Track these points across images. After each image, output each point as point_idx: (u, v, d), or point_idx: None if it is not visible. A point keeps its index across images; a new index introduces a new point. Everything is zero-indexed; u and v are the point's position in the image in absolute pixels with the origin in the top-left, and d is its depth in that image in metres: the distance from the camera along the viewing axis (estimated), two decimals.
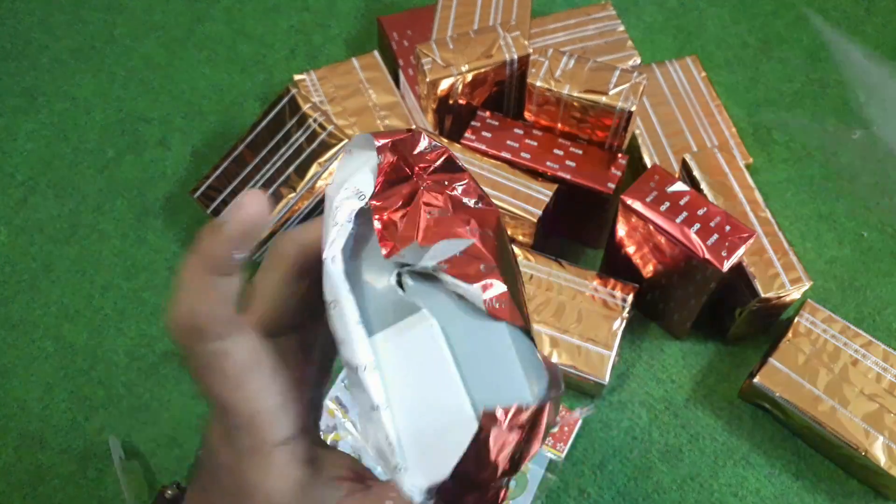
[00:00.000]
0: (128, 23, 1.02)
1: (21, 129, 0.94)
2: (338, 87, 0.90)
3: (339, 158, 0.29)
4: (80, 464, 0.74)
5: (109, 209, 0.88)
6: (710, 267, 0.67)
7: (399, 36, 0.92)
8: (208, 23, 1.02)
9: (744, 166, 0.78)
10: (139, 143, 0.92)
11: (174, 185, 0.89)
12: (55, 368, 0.79)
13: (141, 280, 0.83)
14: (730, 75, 0.97)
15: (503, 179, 0.76)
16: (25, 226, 0.87)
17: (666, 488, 0.72)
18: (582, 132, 0.78)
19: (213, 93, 0.96)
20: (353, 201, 0.28)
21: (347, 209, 0.28)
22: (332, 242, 0.28)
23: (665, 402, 0.76)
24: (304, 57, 0.99)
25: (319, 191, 0.80)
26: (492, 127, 0.79)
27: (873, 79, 0.88)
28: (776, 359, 0.72)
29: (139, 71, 0.98)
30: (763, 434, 0.74)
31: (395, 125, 0.87)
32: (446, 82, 0.78)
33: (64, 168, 0.91)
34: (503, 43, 0.79)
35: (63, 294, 0.83)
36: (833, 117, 0.93)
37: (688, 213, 0.69)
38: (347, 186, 0.28)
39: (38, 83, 0.97)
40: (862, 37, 1.00)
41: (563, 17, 0.93)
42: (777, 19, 1.01)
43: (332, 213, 0.28)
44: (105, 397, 0.77)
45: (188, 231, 0.86)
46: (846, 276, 0.83)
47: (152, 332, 0.80)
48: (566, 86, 0.74)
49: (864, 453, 0.68)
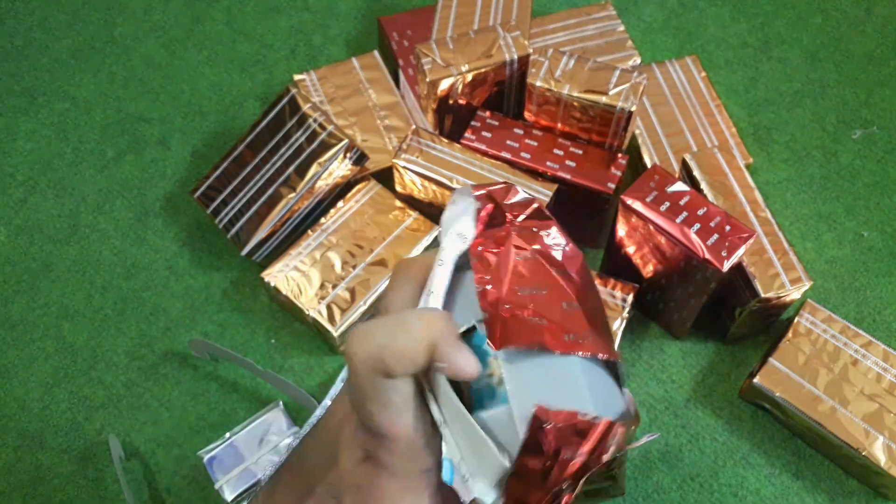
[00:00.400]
0: (128, 23, 1.02)
1: (21, 129, 0.94)
2: (338, 87, 0.90)
3: (447, 208, 0.35)
4: (80, 464, 0.74)
5: (109, 209, 0.88)
6: (710, 267, 0.67)
7: (399, 36, 0.92)
8: (208, 23, 1.02)
9: (744, 166, 0.78)
10: (139, 143, 0.92)
11: (174, 185, 0.89)
12: (55, 368, 0.79)
13: (141, 280, 0.83)
14: (730, 75, 0.97)
15: (503, 179, 0.76)
16: (25, 226, 0.87)
17: (666, 488, 0.72)
18: (582, 132, 0.78)
19: (213, 93, 0.96)
20: (457, 243, 0.32)
21: (453, 250, 0.32)
22: (434, 278, 0.32)
23: (665, 402, 0.76)
24: (304, 57, 0.99)
25: (319, 191, 0.80)
26: (492, 127, 0.79)
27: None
28: (776, 359, 0.72)
29: (139, 71, 0.98)
30: (763, 434, 0.74)
31: (395, 125, 0.87)
32: (446, 82, 0.78)
33: (64, 168, 0.91)
34: (503, 43, 0.79)
35: (63, 294, 0.83)
36: (833, 117, 0.93)
37: (688, 213, 0.69)
38: (453, 230, 0.32)
39: (38, 83, 0.97)
40: (862, 37, 1.00)
41: (563, 17, 0.93)
42: (777, 19, 1.01)
43: (439, 252, 0.32)
44: (105, 397, 0.77)
45: (188, 231, 0.86)
46: (846, 276, 0.83)
47: (152, 332, 0.80)
48: (566, 86, 0.74)
49: (864, 453, 0.68)
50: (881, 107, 0.94)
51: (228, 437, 0.73)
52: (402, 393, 0.30)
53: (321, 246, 0.78)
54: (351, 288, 0.76)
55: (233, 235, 0.81)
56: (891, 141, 0.92)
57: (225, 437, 0.73)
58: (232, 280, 0.83)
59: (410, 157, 0.77)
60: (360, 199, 0.81)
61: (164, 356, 0.79)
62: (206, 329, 0.80)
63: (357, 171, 0.82)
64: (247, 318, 0.81)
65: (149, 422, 0.76)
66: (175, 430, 0.75)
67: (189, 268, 0.84)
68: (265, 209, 0.79)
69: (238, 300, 0.82)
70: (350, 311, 0.75)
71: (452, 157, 0.77)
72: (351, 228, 0.79)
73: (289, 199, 0.79)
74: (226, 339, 0.80)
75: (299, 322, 0.80)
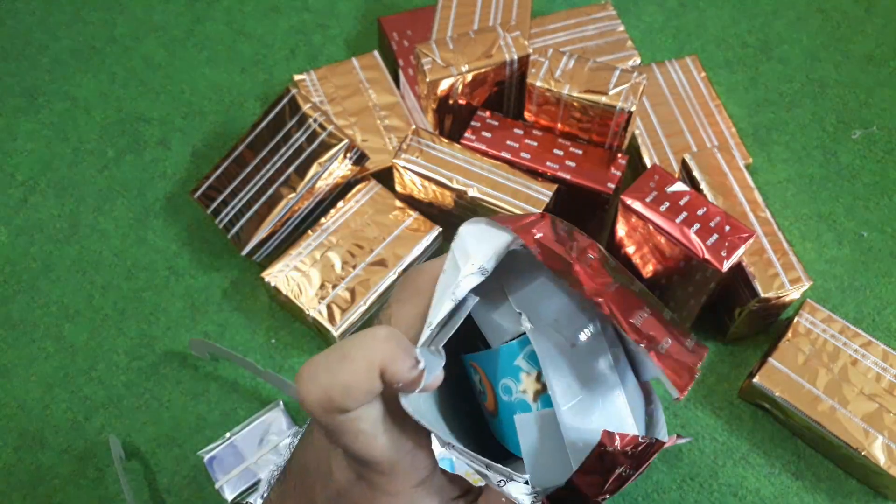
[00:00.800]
0: (128, 23, 1.02)
1: (21, 129, 0.94)
2: (338, 87, 0.90)
3: (467, 236, 0.32)
4: (80, 464, 0.74)
5: (109, 209, 0.88)
6: (709, 267, 0.67)
7: (399, 36, 0.92)
8: (208, 23, 1.02)
9: (744, 166, 0.78)
10: (139, 143, 0.92)
11: (174, 185, 0.89)
12: (55, 368, 0.79)
13: (141, 280, 0.83)
14: (730, 75, 0.97)
15: (503, 179, 0.76)
16: (25, 226, 0.87)
17: (666, 488, 0.72)
18: (582, 132, 0.78)
19: (213, 93, 0.96)
20: (477, 279, 0.31)
21: (469, 286, 0.31)
22: (440, 309, 0.30)
23: (665, 402, 0.76)
24: (304, 57, 0.99)
25: (319, 191, 0.80)
26: (492, 127, 0.79)
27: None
28: (776, 359, 0.72)
29: (139, 71, 0.98)
30: (763, 434, 0.74)
31: (395, 125, 0.87)
32: (446, 82, 0.78)
33: (64, 168, 0.91)
34: (503, 43, 0.79)
35: (63, 294, 0.83)
36: (833, 117, 0.93)
37: (687, 213, 0.69)
38: (474, 262, 0.31)
39: (38, 83, 0.97)
40: (862, 37, 1.00)
41: (563, 17, 0.93)
42: (777, 19, 1.01)
43: (452, 281, 0.31)
44: (105, 397, 0.77)
45: (188, 231, 0.86)
46: (846, 276, 0.83)
47: (152, 332, 0.80)
48: (566, 86, 0.74)
49: (864, 453, 0.68)
50: (881, 107, 0.94)
51: (228, 437, 0.73)
52: (368, 420, 0.28)
53: (321, 246, 0.78)
54: (351, 288, 0.76)
55: (233, 235, 0.81)
56: (891, 141, 0.92)
57: (225, 437, 0.73)
58: (232, 280, 0.83)
59: (410, 157, 0.77)
60: (360, 199, 0.81)
61: (164, 356, 0.79)
62: (206, 329, 0.80)
63: (357, 171, 0.82)
64: (247, 318, 0.81)
65: (149, 422, 0.76)
66: (175, 430, 0.75)
67: (189, 268, 0.84)
68: (265, 209, 0.79)
69: (238, 300, 0.82)
70: (350, 311, 0.75)
71: (452, 157, 0.77)
72: (351, 228, 0.79)
73: (289, 199, 0.79)
74: (226, 339, 0.80)
75: (299, 322, 0.80)
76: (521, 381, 0.31)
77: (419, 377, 0.28)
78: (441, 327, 0.30)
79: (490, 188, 0.75)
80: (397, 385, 0.28)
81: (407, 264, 0.78)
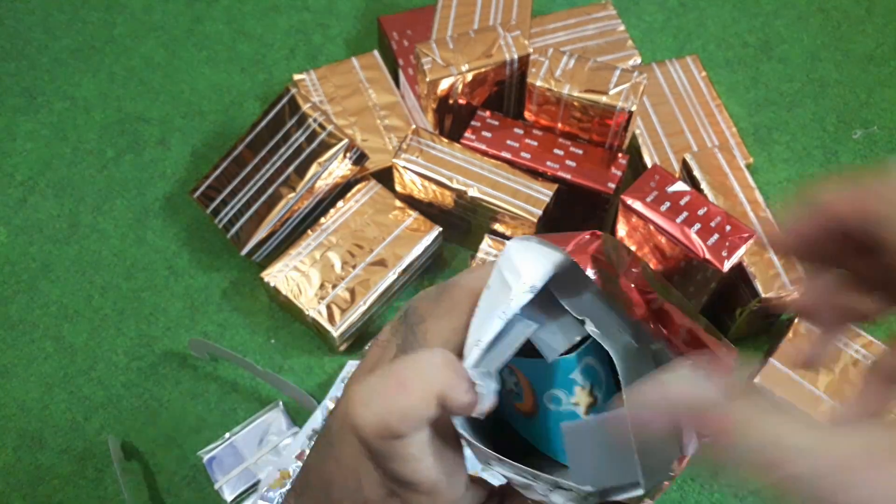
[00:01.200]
0: (128, 23, 1.02)
1: (21, 129, 0.94)
2: (338, 87, 0.90)
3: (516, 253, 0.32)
4: (80, 464, 0.74)
5: (109, 209, 0.88)
6: (710, 267, 0.67)
7: (399, 36, 0.92)
8: (208, 23, 1.02)
9: (744, 166, 0.78)
10: (139, 143, 0.92)
11: (174, 185, 0.89)
12: (55, 368, 0.78)
13: (140, 280, 0.83)
14: (730, 75, 0.96)
15: (503, 179, 0.76)
16: (25, 226, 0.87)
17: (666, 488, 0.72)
18: (582, 132, 0.78)
19: (213, 93, 0.96)
20: (527, 297, 0.30)
21: (518, 305, 0.30)
22: (488, 327, 0.30)
23: None
24: (304, 57, 0.99)
25: (319, 191, 0.80)
26: (492, 127, 0.79)
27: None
28: (776, 359, 0.72)
29: (139, 71, 0.98)
30: None
31: (395, 125, 0.87)
32: (446, 82, 0.78)
33: (64, 168, 0.91)
34: (503, 43, 0.79)
35: (63, 294, 0.83)
36: (833, 117, 0.93)
37: (688, 213, 0.69)
38: (525, 281, 0.30)
39: (38, 83, 0.97)
40: (862, 37, 1.00)
41: (563, 16, 0.93)
42: (777, 19, 1.01)
43: (501, 300, 0.30)
44: (104, 397, 0.77)
45: (188, 231, 0.86)
46: None
47: (152, 333, 0.80)
48: (566, 85, 0.74)
49: None
50: (882, 107, 0.94)
51: (228, 437, 0.73)
52: (418, 444, 0.28)
53: (321, 246, 0.78)
54: (351, 288, 0.76)
55: (232, 235, 0.81)
56: (891, 141, 0.92)
57: (225, 437, 0.73)
58: (232, 280, 0.83)
59: (410, 156, 0.77)
60: (359, 199, 0.81)
61: (164, 356, 0.79)
62: (206, 329, 0.80)
63: (357, 170, 0.82)
64: (247, 318, 0.81)
65: (149, 422, 0.76)
66: (175, 430, 0.75)
67: (189, 268, 0.84)
68: (265, 209, 0.79)
69: (238, 300, 0.82)
70: (350, 312, 0.75)
71: (452, 157, 0.77)
72: (351, 228, 0.79)
73: (289, 198, 0.79)
74: (226, 339, 0.80)
75: (299, 322, 0.80)
76: (575, 395, 0.31)
77: (475, 403, 0.28)
78: (489, 347, 0.30)
79: (490, 188, 0.75)
80: (457, 413, 0.28)
81: (407, 264, 0.78)
